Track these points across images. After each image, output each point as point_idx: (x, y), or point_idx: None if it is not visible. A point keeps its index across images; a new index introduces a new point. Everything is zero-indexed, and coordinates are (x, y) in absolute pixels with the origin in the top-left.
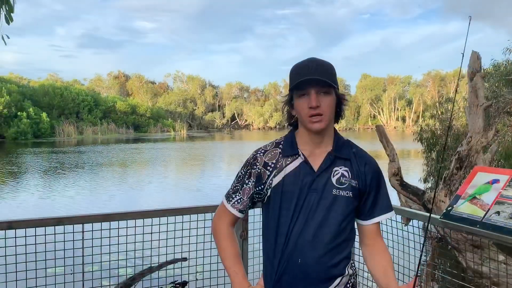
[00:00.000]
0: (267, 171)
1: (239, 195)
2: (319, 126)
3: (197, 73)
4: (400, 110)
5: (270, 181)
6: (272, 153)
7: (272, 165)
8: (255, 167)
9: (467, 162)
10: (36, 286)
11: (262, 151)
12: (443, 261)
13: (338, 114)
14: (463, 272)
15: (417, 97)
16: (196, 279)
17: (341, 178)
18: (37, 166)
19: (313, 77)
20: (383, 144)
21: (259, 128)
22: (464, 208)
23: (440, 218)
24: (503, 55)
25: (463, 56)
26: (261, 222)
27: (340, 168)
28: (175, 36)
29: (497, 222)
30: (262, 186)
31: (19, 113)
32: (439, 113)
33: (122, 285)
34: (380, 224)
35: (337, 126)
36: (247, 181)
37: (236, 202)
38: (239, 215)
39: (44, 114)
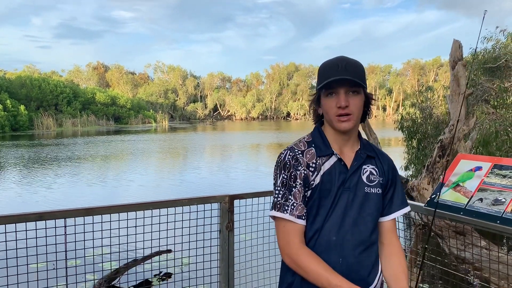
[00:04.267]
0: (310, 172)
1: (291, 200)
2: (347, 126)
3: (178, 63)
4: (381, 99)
5: (312, 182)
6: (310, 154)
7: (314, 165)
8: (299, 168)
9: (449, 149)
10: (17, 283)
11: (299, 151)
12: (427, 247)
13: (365, 114)
14: (444, 257)
15: (397, 86)
16: (182, 272)
17: (370, 175)
18: (15, 160)
19: (343, 77)
20: (366, 133)
21: (241, 119)
22: (448, 195)
23: (425, 205)
24: (481, 44)
25: (475, 50)
26: None
27: (368, 166)
28: (154, 25)
29: (480, 209)
30: (307, 188)
31: None
32: (419, 102)
33: (106, 279)
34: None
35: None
36: (294, 184)
37: (292, 209)
38: (300, 222)
39: (22, 107)
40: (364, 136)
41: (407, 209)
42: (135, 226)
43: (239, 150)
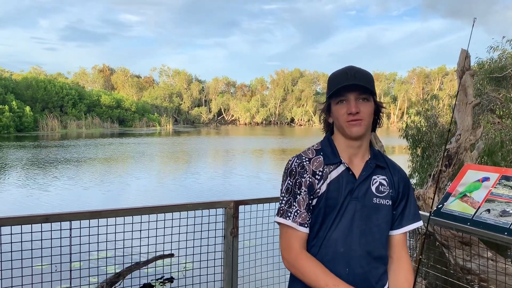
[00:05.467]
0: (316, 180)
1: (295, 207)
2: (358, 130)
3: (183, 67)
4: (385, 107)
5: (318, 190)
6: (317, 161)
7: (320, 174)
8: (305, 175)
9: (456, 159)
10: (22, 285)
11: (307, 159)
12: (432, 257)
13: (375, 122)
14: (449, 268)
15: (402, 94)
16: (186, 277)
17: (380, 186)
18: (12, 162)
19: (353, 83)
20: (372, 140)
21: (245, 124)
22: (454, 205)
23: (431, 215)
24: (487, 53)
25: (466, 56)
26: None
27: (378, 177)
28: (160, 29)
29: (488, 220)
30: (312, 196)
31: (1, 106)
32: (424, 109)
33: (107, 282)
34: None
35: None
36: (298, 191)
37: (294, 216)
38: (302, 229)
39: (27, 108)
40: None
41: (419, 224)
42: (140, 230)
43: (242, 155)
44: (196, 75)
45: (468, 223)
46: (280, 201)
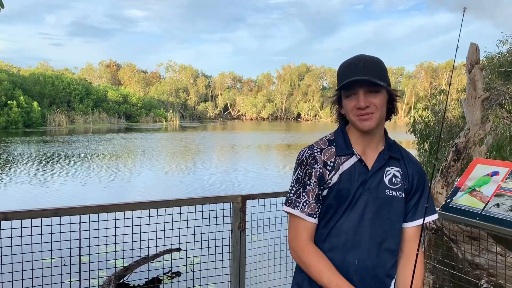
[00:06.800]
0: (327, 171)
1: (304, 197)
2: (369, 124)
3: (189, 62)
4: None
5: (329, 181)
6: (329, 152)
7: (332, 164)
8: (315, 166)
9: (465, 154)
10: (32, 278)
11: (318, 149)
12: (439, 252)
13: (390, 111)
14: (457, 263)
15: (410, 89)
16: (193, 271)
17: (393, 178)
18: (28, 155)
19: (360, 78)
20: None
21: (252, 119)
22: (463, 200)
23: (440, 210)
24: (496, 47)
25: (457, 49)
26: None
27: (392, 169)
28: (166, 24)
29: (497, 215)
30: (323, 187)
31: (9, 102)
32: (432, 104)
33: (116, 275)
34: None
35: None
36: (308, 182)
37: (303, 206)
38: (310, 220)
39: (35, 103)
40: None
41: (433, 217)
42: (148, 224)
43: (249, 150)
44: (203, 71)
45: (477, 218)
46: (289, 191)
